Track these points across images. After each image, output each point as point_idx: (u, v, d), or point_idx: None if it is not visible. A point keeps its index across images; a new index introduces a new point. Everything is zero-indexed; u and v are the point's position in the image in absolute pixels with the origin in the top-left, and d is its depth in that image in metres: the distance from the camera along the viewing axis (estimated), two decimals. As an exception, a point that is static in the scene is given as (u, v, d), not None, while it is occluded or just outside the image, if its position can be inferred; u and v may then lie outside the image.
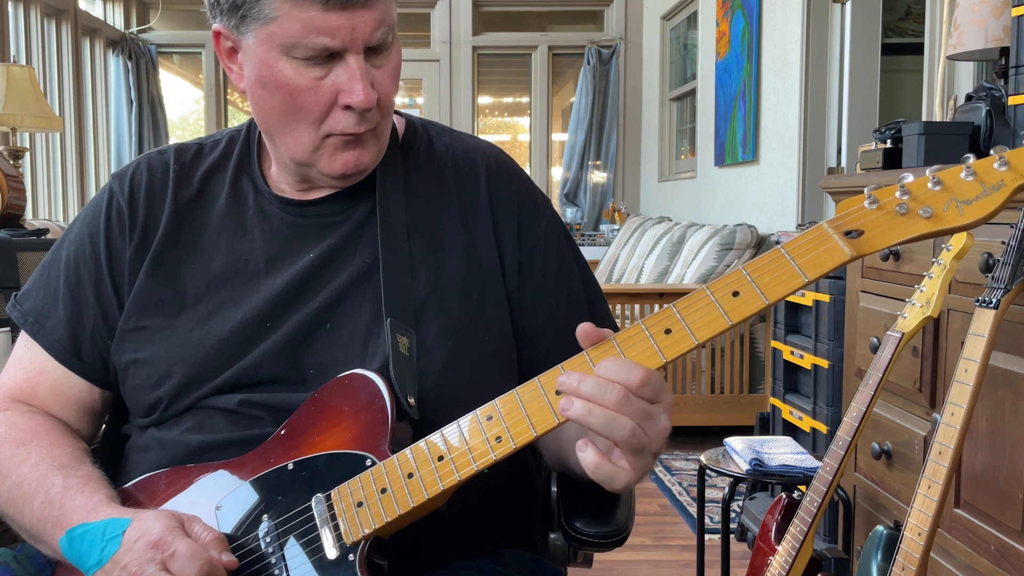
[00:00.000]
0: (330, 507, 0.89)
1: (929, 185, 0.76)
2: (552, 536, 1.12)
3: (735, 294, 0.79)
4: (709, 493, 2.93)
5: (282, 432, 0.96)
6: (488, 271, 1.05)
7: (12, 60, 4.67)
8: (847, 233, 0.77)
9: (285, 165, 1.06)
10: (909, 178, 0.77)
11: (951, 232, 0.77)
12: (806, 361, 2.57)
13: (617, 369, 0.79)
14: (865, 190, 0.78)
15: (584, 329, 0.82)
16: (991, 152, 0.77)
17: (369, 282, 1.02)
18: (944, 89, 2.72)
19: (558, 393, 0.81)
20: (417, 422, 0.93)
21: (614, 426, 0.78)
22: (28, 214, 4.17)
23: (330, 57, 0.95)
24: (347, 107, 0.96)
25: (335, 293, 1.02)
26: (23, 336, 1.09)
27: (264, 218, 1.07)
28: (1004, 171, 0.75)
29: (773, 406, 2.83)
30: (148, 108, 6.75)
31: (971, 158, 0.77)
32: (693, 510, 3.06)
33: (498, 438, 0.83)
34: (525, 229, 1.09)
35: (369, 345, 0.99)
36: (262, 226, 1.06)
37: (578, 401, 0.79)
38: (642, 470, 0.82)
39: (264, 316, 1.01)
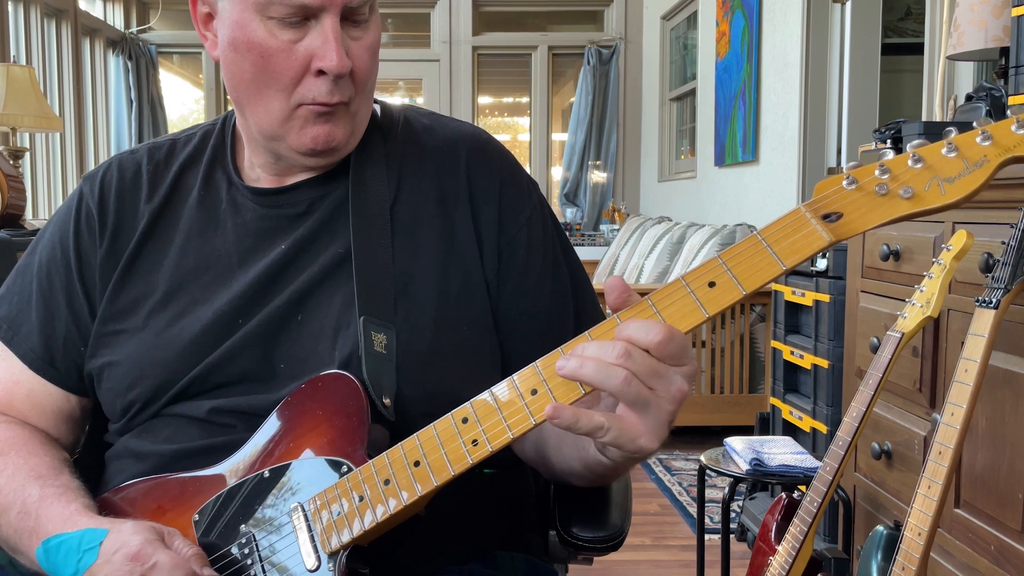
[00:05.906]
0: (307, 516, 0.86)
1: (909, 163, 0.72)
2: (552, 533, 1.11)
3: (711, 284, 0.75)
4: (709, 493, 2.93)
5: (257, 438, 0.93)
6: (467, 259, 1.00)
7: (12, 60, 4.67)
8: (825, 217, 0.73)
9: (257, 143, 1.01)
10: (889, 155, 0.73)
11: (933, 212, 0.73)
12: (806, 361, 2.57)
13: (636, 327, 0.74)
14: (844, 168, 0.74)
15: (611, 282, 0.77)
16: (974, 125, 0.72)
17: (342, 272, 0.98)
18: (944, 89, 2.72)
19: (533, 393, 0.78)
20: (393, 422, 0.90)
21: (607, 375, 0.73)
22: (28, 214, 4.16)
23: (306, 20, 0.92)
24: (320, 73, 0.92)
25: (306, 284, 0.98)
26: None
27: (237, 211, 1.03)
28: (987, 146, 0.71)
29: (773, 406, 2.83)
30: (148, 108, 6.75)
31: (953, 131, 0.72)
32: (693, 510, 3.06)
33: (474, 441, 0.80)
34: (507, 215, 1.03)
35: (339, 338, 0.95)
36: (235, 220, 1.03)
37: (573, 358, 0.75)
38: (655, 430, 0.76)
39: (236, 312, 0.98)
